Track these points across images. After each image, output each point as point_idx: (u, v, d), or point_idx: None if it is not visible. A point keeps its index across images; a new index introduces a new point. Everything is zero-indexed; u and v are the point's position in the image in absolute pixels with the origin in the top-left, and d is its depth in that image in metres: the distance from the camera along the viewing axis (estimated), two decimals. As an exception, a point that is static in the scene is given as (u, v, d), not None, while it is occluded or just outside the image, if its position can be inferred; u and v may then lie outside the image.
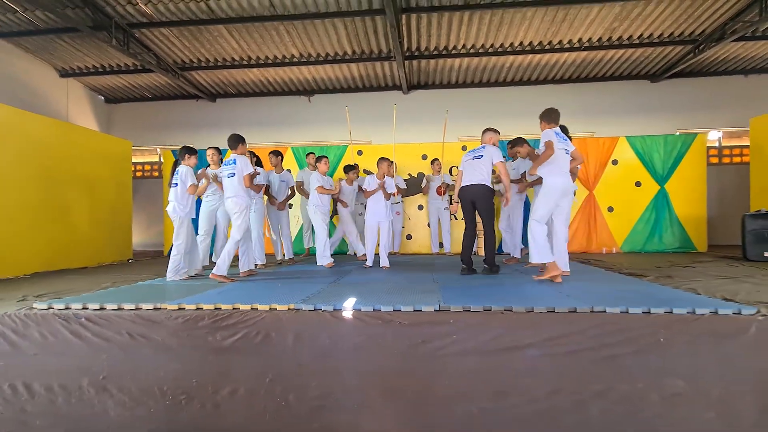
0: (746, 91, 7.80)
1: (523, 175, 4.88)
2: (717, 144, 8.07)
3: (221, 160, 4.86)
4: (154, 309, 2.63)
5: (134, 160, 9.35)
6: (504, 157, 4.09)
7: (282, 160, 5.49)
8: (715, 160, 8.01)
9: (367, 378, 2.41)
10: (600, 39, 6.81)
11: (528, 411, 2.31)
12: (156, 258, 6.94)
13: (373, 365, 2.42)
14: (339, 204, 5.42)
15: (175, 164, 4.08)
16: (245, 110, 8.88)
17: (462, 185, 4.04)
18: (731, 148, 7.94)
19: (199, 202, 4.50)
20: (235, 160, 3.95)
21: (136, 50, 6.69)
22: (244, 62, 7.49)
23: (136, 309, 2.64)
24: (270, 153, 5.46)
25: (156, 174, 9.12)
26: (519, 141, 4.67)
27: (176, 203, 3.89)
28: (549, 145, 3.34)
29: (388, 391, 2.40)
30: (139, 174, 9.23)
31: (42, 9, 5.75)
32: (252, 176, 3.99)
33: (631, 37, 6.75)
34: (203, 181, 4.63)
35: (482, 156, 3.95)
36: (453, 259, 5.66)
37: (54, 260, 5.19)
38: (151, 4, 5.83)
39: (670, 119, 8.03)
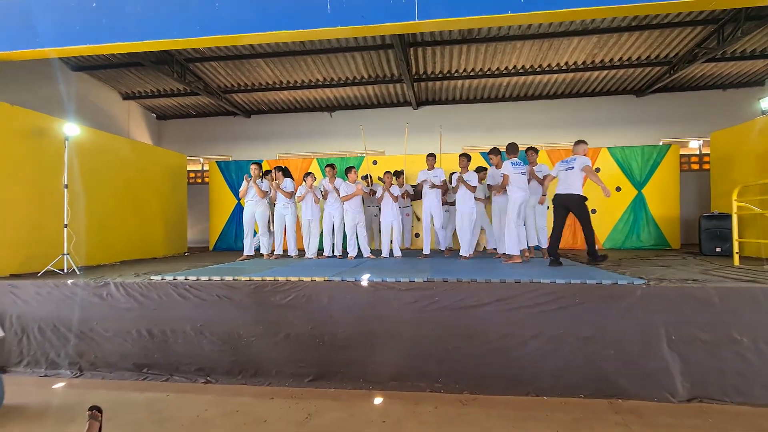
0: (725, 104, 8.59)
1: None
2: (698, 152, 8.88)
3: (261, 173, 6.28)
4: (233, 280, 3.85)
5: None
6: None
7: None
8: (696, 166, 8.83)
9: (377, 325, 3.56)
10: (584, 62, 7.77)
11: (485, 348, 3.41)
12: (204, 252, 8.27)
13: (380, 317, 3.57)
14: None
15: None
16: (275, 125, 10.20)
17: (556, 192, 4.69)
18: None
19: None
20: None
21: (190, 79, 8.06)
22: (276, 86, 8.78)
23: (221, 279, 3.87)
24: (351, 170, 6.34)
25: (199, 180, 10.51)
26: (494, 151, 5.43)
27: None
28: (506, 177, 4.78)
29: (391, 335, 3.54)
30: (184, 181, 10.65)
31: (119, 50, 7.16)
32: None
33: (612, 60, 7.69)
34: (244, 184, 6.11)
35: (573, 168, 4.56)
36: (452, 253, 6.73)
37: (132, 251, 6.54)
38: (205, 44, 7.15)
39: (655, 130, 8.89)
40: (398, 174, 6.96)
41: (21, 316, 4.09)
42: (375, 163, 8.28)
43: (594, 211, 7.64)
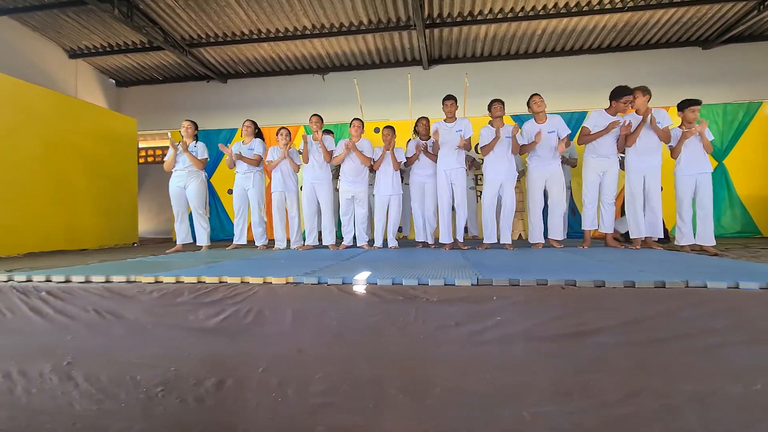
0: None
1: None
2: (781, 116, 7.14)
3: (195, 135, 5.00)
4: (127, 282, 2.19)
5: (143, 144, 9.12)
6: None
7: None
8: (779, 134, 7.10)
9: (385, 369, 1.90)
10: (647, -4, 6.04)
11: (598, 417, 1.74)
12: (163, 244, 6.62)
13: (391, 352, 1.90)
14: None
15: None
16: (256, 91, 8.49)
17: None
18: (799, 120, 7.00)
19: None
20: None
21: (141, 23, 6.34)
22: (254, 36, 7.07)
23: (106, 282, 2.21)
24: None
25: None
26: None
27: None
28: None
29: (411, 387, 1.87)
30: (150, 159, 8.99)
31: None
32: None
33: (683, -7, 5.96)
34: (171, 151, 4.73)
35: None
36: (475, 243, 5.05)
37: (51, 241, 4.89)
38: (154, -32, 5.45)
39: (727, 89, 7.12)
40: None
41: None
42: (377, 130, 6.62)
43: (660, 188, 5.95)
